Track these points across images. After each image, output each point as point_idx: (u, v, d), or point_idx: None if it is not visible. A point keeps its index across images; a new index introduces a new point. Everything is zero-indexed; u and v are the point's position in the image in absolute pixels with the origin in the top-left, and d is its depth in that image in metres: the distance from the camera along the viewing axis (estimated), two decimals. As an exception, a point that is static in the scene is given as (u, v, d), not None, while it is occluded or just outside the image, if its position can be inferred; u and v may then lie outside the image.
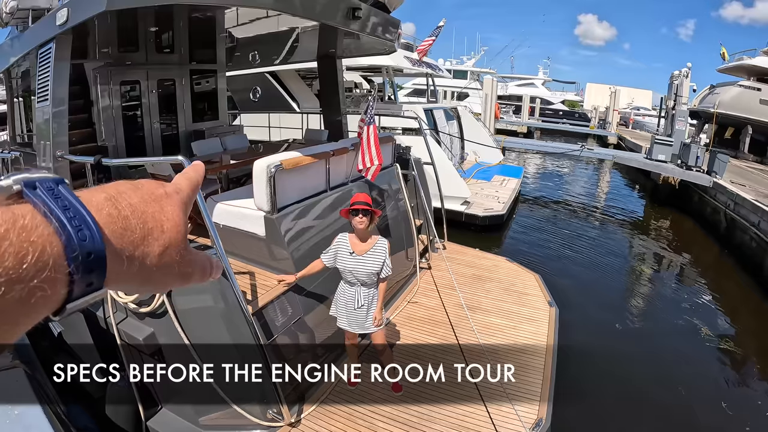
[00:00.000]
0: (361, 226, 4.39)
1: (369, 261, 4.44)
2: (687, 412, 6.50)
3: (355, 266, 4.42)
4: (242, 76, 15.39)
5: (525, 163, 26.39)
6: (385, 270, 4.54)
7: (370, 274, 4.46)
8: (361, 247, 4.44)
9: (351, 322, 4.64)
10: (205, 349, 4.09)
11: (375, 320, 4.70)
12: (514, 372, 5.22)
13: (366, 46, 8.61)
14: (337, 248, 4.46)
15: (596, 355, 7.50)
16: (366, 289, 4.54)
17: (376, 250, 4.48)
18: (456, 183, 12.95)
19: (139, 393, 4.48)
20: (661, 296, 10.52)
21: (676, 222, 16.62)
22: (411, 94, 33.30)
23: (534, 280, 7.67)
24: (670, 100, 19.35)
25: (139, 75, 8.78)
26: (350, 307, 4.57)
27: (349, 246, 4.44)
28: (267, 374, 4.07)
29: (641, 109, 51.01)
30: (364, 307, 4.58)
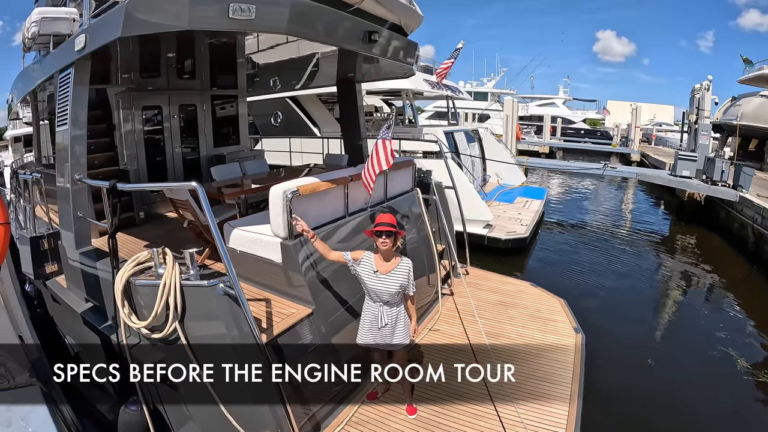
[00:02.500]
0: (385, 248, 4.35)
1: (391, 281, 4.39)
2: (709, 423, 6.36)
3: (378, 285, 4.38)
4: (263, 101, 15.55)
5: (548, 184, 26.15)
6: (410, 288, 4.52)
7: (391, 293, 4.41)
8: (385, 266, 4.40)
9: (376, 338, 4.58)
10: (218, 377, 4.01)
11: (414, 332, 4.72)
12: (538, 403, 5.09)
13: (385, 69, 8.59)
14: (361, 263, 4.43)
15: (624, 386, 7.22)
16: (388, 308, 4.48)
17: (400, 270, 4.43)
18: (478, 206, 12.83)
19: (151, 416, 4.41)
20: (691, 319, 10.14)
21: (703, 239, 16.21)
22: (432, 116, 33.37)
23: (559, 305, 7.47)
24: (693, 115, 19.09)
25: (160, 100, 8.88)
26: (375, 325, 4.52)
27: (373, 264, 4.39)
28: (281, 404, 3.97)
29: (663, 125, 50.29)
30: (388, 327, 4.52)
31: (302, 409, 4.44)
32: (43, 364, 4.40)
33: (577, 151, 39.10)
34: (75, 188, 5.50)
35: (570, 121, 48.06)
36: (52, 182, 6.05)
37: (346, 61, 8.68)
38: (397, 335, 4.60)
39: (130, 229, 7.38)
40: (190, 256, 4.11)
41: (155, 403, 4.69)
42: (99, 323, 5.00)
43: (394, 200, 6.82)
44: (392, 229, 4.30)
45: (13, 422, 3.20)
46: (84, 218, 5.52)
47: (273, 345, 4.23)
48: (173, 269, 3.98)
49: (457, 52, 18.71)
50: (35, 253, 6.12)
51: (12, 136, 25.30)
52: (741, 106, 24.82)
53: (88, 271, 5.36)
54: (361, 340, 4.65)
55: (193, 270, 4.10)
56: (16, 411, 3.35)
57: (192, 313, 4.01)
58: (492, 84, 47.58)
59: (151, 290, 4.03)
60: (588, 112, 57.03)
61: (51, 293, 6.24)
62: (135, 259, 4.33)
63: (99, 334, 4.97)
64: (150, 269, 4.30)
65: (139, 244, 6.64)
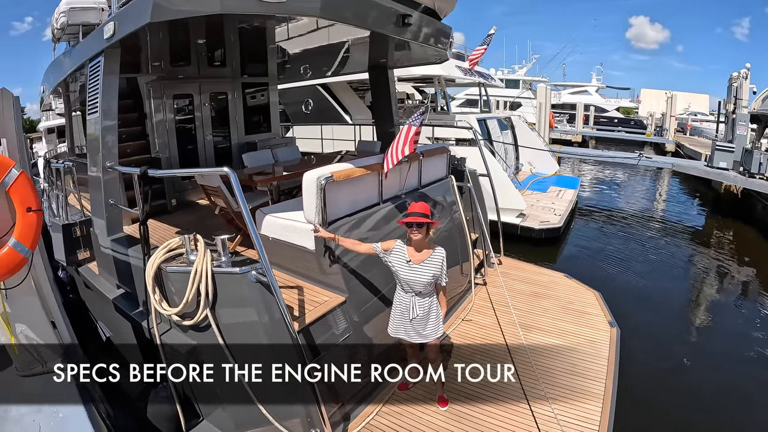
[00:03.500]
0: (416, 238, 4.24)
1: (424, 270, 4.29)
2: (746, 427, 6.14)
3: (410, 275, 4.28)
4: (294, 88, 15.52)
5: (581, 173, 25.71)
6: (443, 279, 4.42)
7: (424, 283, 4.31)
8: (418, 256, 4.29)
9: (408, 330, 4.50)
10: (248, 365, 3.98)
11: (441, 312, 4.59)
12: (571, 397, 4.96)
13: (417, 55, 8.45)
14: (393, 253, 4.33)
15: (658, 384, 7.03)
16: (420, 299, 4.39)
17: (433, 259, 4.33)
18: (511, 195, 12.65)
19: (181, 403, 4.41)
20: (727, 317, 9.86)
21: (739, 233, 15.77)
22: (463, 104, 33.02)
23: (594, 297, 7.30)
24: (730, 104, 18.58)
25: (191, 88, 8.89)
26: (406, 316, 4.43)
27: (405, 254, 4.29)
28: (311, 393, 3.91)
29: (698, 115, 49.00)
30: (419, 318, 4.43)
31: (332, 398, 4.39)
32: (75, 350, 4.43)
33: (610, 140, 38.39)
34: (106, 176, 5.52)
35: (603, 110, 47.21)
36: (84, 171, 6.09)
37: (377, 47, 8.56)
38: (429, 327, 4.51)
39: (162, 216, 7.41)
40: (221, 242, 4.06)
41: (185, 389, 4.70)
42: (130, 310, 5.03)
43: (428, 188, 6.71)
44: (424, 220, 4.20)
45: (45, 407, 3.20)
46: (116, 205, 5.55)
47: (305, 333, 4.18)
48: (205, 256, 3.95)
49: (489, 38, 18.41)
50: (67, 240, 6.19)
51: (45, 127, 25.88)
52: None
53: (119, 257, 5.39)
54: (393, 332, 4.57)
55: (224, 257, 4.05)
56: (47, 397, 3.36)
57: (223, 301, 3.98)
58: (523, 71, 46.85)
59: (182, 277, 4.00)
60: (621, 100, 56.08)
61: (83, 279, 6.32)
62: (166, 245, 4.31)
63: (130, 321, 5.01)
64: (181, 256, 4.27)
65: (171, 231, 6.67)
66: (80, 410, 3.24)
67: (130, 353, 5.46)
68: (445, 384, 4.98)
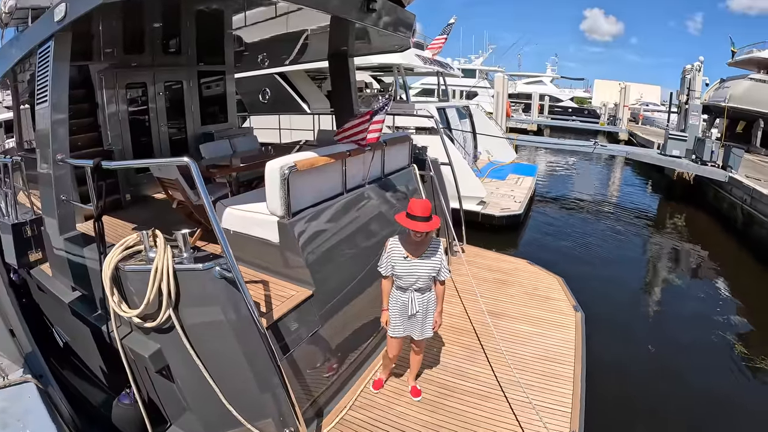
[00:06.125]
0: (419, 240, 4.12)
1: (426, 264, 4.20)
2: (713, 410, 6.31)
3: (411, 271, 4.17)
4: (251, 77, 15.22)
5: (537, 161, 26.08)
6: (443, 272, 4.30)
7: (427, 278, 4.23)
8: (416, 251, 4.19)
9: (407, 328, 4.42)
10: (216, 365, 3.82)
11: (435, 324, 4.50)
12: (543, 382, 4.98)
13: (379, 43, 8.34)
14: (390, 254, 4.20)
15: (623, 361, 7.23)
16: (420, 294, 4.30)
17: (431, 252, 4.23)
18: (472, 183, 12.71)
19: (147, 411, 4.21)
20: (682, 297, 10.22)
21: (692, 218, 16.34)
22: (419, 94, 33.04)
23: (557, 283, 7.41)
24: (683, 95, 19.11)
25: (145, 77, 8.53)
26: (405, 313, 4.34)
27: (402, 251, 4.17)
28: (283, 390, 3.79)
29: (650, 105, 50.52)
30: (419, 314, 4.35)
31: (304, 395, 4.29)
32: (37, 359, 4.17)
33: (564, 129, 39.17)
34: (57, 170, 5.19)
35: (558, 100, 48.22)
36: (34, 166, 5.73)
37: (338, 34, 8.38)
38: (428, 323, 4.45)
39: (116, 212, 7.10)
40: (182, 237, 3.84)
41: (149, 394, 4.52)
42: (88, 313, 4.76)
43: (391, 176, 6.63)
44: (431, 228, 4.04)
45: (9, 423, 2.97)
46: (68, 201, 5.24)
47: (273, 329, 4.03)
48: (165, 252, 3.71)
49: (449, 28, 18.44)
50: (18, 240, 5.86)
51: (-9, 122, 24.65)
52: (730, 89, 25.01)
53: (73, 257, 5.11)
54: (394, 333, 4.46)
55: (186, 253, 3.83)
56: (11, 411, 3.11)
57: (187, 299, 3.78)
58: (480, 61, 47.31)
59: (141, 276, 3.77)
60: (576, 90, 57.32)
61: (36, 282, 5.97)
62: (123, 243, 4.04)
63: (88, 325, 4.75)
64: (140, 254, 4.03)
65: (127, 228, 6.40)
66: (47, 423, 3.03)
67: (91, 359, 5.23)
68: (418, 375, 4.97)
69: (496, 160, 18.48)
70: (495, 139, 19.12)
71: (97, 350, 4.96)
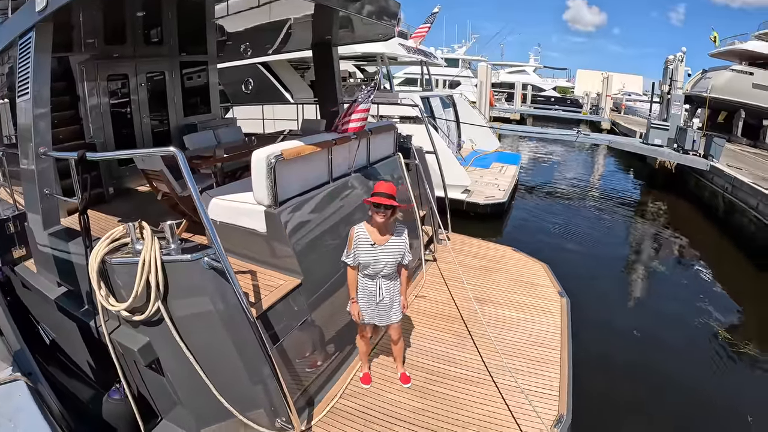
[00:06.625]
0: (381, 221, 4.13)
1: (391, 250, 4.23)
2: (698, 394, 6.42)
3: (379, 257, 4.19)
4: (234, 68, 15.07)
5: (520, 150, 26.19)
6: (407, 256, 4.35)
7: (394, 263, 4.26)
8: (381, 237, 4.20)
9: (374, 315, 4.43)
10: (206, 357, 3.81)
11: (403, 307, 4.53)
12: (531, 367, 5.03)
13: (363, 32, 8.29)
14: (356, 242, 4.19)
15: (608, 346, 7.33)
16: (387, 281, 4.33)
17: (396, 238, 4.28)
18: (456, 171, 12.74)
19: (137, 405, 4.18)
20: (665, 282, 10.39)
21: (673, 206, 16.55)
22: (403, 83, 32.97)
23: (542, 269, 7.48)
24: (665, 85, 19.28)
25: (127, 68, 8.41)
26: (372, 301, 4.35)
27: (369, 238, 4.18)
28: (274, 380, 3.79)
29: (632, 95, 50.95)
30: (386, 300, 4.37)
31: (295, 384, 4.31)
32: (26, 357, 4.11)
33: (547, 119, 39.34)
34: (39, 164, 5.08)
35: (540, 89, 48.44)
36: (16, 162, 5.63)
37: (322, 23, 8.32)
38: (394, 310, 4.48)
39: (99, 206, 7.01)
40: (170, 228, 3.81)
41: (139, 389, 4.49)
42: (75, 309, 4.70)
43: (376, 165, 6.63)
44: (393, 203, 4.08)
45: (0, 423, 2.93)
46: (51, 195, 5.14)
47: (263, 319, 4.03)
48: (152, 244, 3.67)
49: (433, 17, 18.34)
50: (1, 237, 5.77)
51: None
52: (711, 79, 25.30)
53: (58, 252, 5.02)
54: (362, 320, 4.48)
55: (174, 244, 3.80)
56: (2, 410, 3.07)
57: (175, 291, 3.76)
58: (463, 51, 47.35)
59: (129, 269, 3.73)
60: (558, 80, 57.52)
61: (20, 279, 5.88)
62: (109, 235, 3.98)
63: (75, 320, 4.68)
64: (126, 246, 3.97)
65: (111, 221, 6.32)
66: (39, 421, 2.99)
67: (79, 355, 5.18)
68: (405, 361, 4.99)
69: (480, 149, 18.54)
70: (478, 128, 19.17)
71: (85, 346, 4.91)
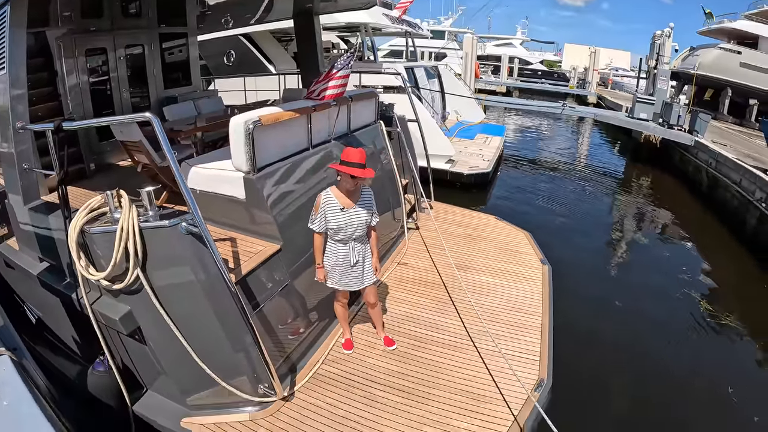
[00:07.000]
0: (352, 188, 4.17)
1: (360, 213, 4.27)
2: (678, 362, 6.46)
3: (349, 221, 4.21)
4: (215, 40, 14.85)
5: (505, 122, 26.15)
6: (374, 218, 4.42)
7: (364, 225, 4.31)
8: (349, 201, 4.23)
9: (348, 281, 4.47)
10: (187, 326, 3.82)
11: (376, 270, 4.57)
12: (511, 332, 5.10)
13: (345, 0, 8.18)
14: (325, 209, 4.18)
15: (590, 313, 7.39)
16: (358, 244, 4.38)
17: (364, 199, 4.32)
18: (440, 141, 12.73)
19: (122, 377, 4.21)
20: (648, 254, 10.45)
21: (657, 180, 16.64)
22: (388, 55, 32.69)
23: (525, 238, 7.53)
24: (652, 60, 19.22)
25: (105, 42, 8.22)
26: (345, 266, 4.39)
27: (337, 203, 4.18)
28: (255, 347, 3.83)
29: (620, 70, 50.86)
30: (360, 263, 4.42)
31: (277, 351, 4.34)
32: (10, 332, 4.10)
33: (533, 92, 39.24)
34: (17, 138, 5.03)
35: (527, 62, 48.15)
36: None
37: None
38: (367, 272, 4.52)
39: (81, 181, 6.93)
40: (147, 195, 3.78)
41: (124, 360, 4.50)
42: (57, 283, 4.67)
43: (357, 132, 6.60)
44: (369, 174, 4.10)
45: None
46: (30, 170, 5.09)
47: (242, 285, 4.05)
48: (130, 212, 3.65)
49: (418, -14, 18.10)
50: None
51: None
52: (699, 57, 25.30)
53: (39, 227, 4.98)
54: (333, 284, 4.52)
55: (152, 211, 3.78)
56: None
57: (154, 258, 3.75)
58: (449, 23, 46.93)
59: (108, 237, 3.71)
60: (545, 53, 57.25)
61: (3, 258, 5.84)
62: (88, 205, 3.96)
63: (59, 295, 4.65)
64: (105, 215, 3.96)
65: (93, 196, 6.26)
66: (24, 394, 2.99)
67: (64, 331, 5.17)
68: (387, 327, 5.05)
69: (465, 120, 18.47)
70: (463, 99, 19.08)
71: (68, 320, 4.88)
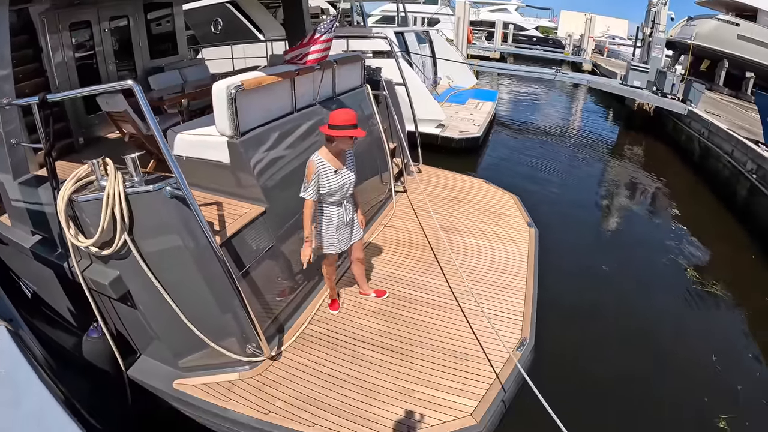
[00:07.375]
0: (347, 149, 4.28)
1: (350, 173, 4.37)
2: (662, 327, 6.55)
3: (343, 181, 4.29)
4: (201, 8, 14.66)
5: (498, 88, 25.97)
6: None
7: (353, 184, 4.43)
8: (339, 163, 4.29)
9: (342, 240, 4.57)
10: (176, 289, 3.91)
11: (362, 223, 4.76)
12: (495, 292, 5.21)
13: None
14: (318, 173, 4.18)
15: (575, 275, 7.51)
16: (348, 203, 4.51)
17: (349, 159, 4.40)
18: (430, 105, 12.68)
19: (116, 342, 4.30)
20: (637, 220, 10.52)
21: (650, 148, 16.64)
22: (380, 21, 32.31)
23: (512, 201, 7.61)
24: (647, 27, 19.04)
25: (89, 15, 8.13)
26: (342, 226, 4.49)
27: (330, 166, 4.22)
28: (242, 308, 3.93)
29: (616, 38, 50.06)
30: (352, 220, 4.58)
31: (264, 312, 4.45)
32: (5, 304, 4.20)
33: (528, 58, 38.72)
34: (4, 115, 5.05)
35: (522, 28, 47.41)
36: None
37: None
38: (356, 228, 4.66)
39: (70, 155, 6.97)
40: (132, 161, 3.84)
41: (116, 326, 4.59)
42: (49, 254, 4.75)
43: (343, 96, 6.60)
44: (362, 134, 4.16)
45: None
46: (19, 144, 5.12)
47: (227, 246, 4.14)
48: (116, 178, 3.71)
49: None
50: None
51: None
52: (696, 27, 24.95)
53: (29, 201, 5.03)
54: (328, 250, 4.55)
55: (137, 177, 3.84)
56: None
57: (141, 223, 3.82)
58: (443, -13, 46.09)
59: (95, 204, 3.78)
60: (541, 20, 56.32)
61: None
62: (75, 175, 4.01)
63: (52, 266, 4.71)
64: (92, 184, 4.02)
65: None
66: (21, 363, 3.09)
67: (58, 302, 5.27)
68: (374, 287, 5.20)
69: (456, 85, 18.31)
70: (455, 64, 18.92)
71: (62, 291, 4.97)
